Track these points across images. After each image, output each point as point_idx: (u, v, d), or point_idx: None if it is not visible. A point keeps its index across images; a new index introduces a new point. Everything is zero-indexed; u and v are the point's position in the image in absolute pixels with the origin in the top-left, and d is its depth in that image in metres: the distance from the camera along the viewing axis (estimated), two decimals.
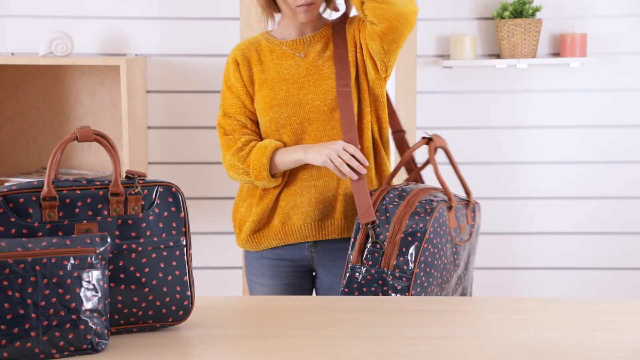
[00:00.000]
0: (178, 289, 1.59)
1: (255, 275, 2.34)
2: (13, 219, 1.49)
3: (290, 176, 2.23)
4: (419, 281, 1.99)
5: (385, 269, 2.00)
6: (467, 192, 2.26)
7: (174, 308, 1.59)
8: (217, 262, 3.64)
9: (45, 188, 1.50)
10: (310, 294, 2.34)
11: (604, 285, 3.68)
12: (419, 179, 2.35)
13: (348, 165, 2.11)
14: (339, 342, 1.54)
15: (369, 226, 2.04)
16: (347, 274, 2.04)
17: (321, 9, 2.32)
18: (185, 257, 1.60)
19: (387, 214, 2.04)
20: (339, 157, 2.11)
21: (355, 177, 2.11)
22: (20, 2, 3.47)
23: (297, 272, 2.28)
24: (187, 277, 1.60)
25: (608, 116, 3.61)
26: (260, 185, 2.23)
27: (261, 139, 2.27)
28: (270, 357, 1.49)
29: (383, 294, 1.99)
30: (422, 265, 1.99)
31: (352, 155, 2.11)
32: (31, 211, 1.50)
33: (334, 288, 2.23)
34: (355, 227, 2.07)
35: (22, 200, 1.50)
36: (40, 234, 1.50)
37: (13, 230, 1.49)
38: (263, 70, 2.26)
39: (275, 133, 2.23)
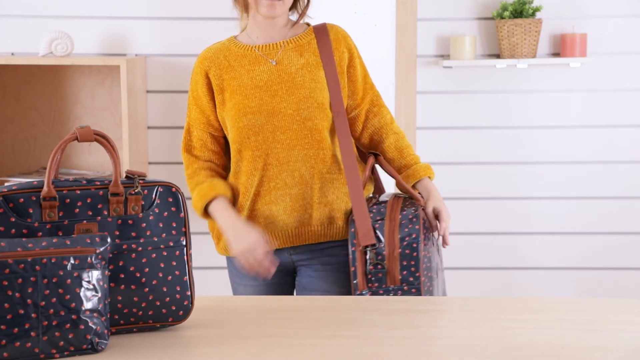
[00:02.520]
0: (178, 289, 1.59)
1: (237, 276, 2.33)
2: (13, 219, 1.49)
3: (262, 185, 2.19)
4: (425, 288, 2.05)
5: (392, 286, 2.05)
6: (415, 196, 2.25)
7: (174, 308, 1.59)
8: (216, 262, 3.64)
9: (45, 188, 1.50)
10: (292, 291, 2.34)
11: (604, 285, 3.68)
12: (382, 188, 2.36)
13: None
14: (339, 342, 1.54)
15: (367, 248, 2.07)
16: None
17: (294, 18, 2.27)
18: (185, 257, 1.60)
19: (377, 233, 2.08)
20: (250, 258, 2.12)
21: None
22: (20, 2, 3.47)
23: (279, 272, 2.25)
24: (187, 277, 1.60)
25: (608, 116, 3.61)
26: None
27: (223, 156, 2.27)
28: (270, 357, 1.49)
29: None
30: (425, 272, 2.06)
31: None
32: (31, 211, 1.50)
33: (312, 283, 2.24)
34: (352, 255, 2.09)
35: (22, 200, 1.50)
36: (40, 234, 1.50)
37: (13, 230, 1.49)
38: (235, 77, 2.20)
39: (247, 140, 2.18)
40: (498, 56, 3.58)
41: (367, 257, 2.06)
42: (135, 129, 3.33)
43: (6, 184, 1.57)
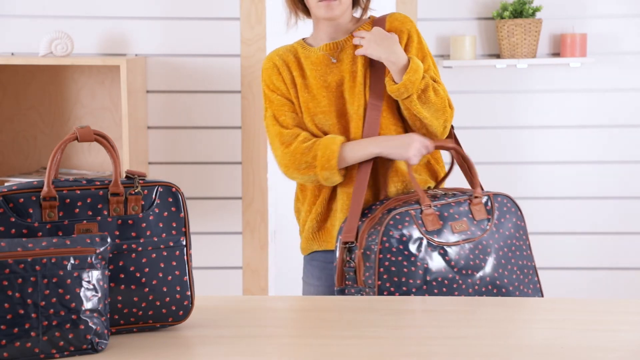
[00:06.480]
0: (178, 289, 1.59)
1: (306, 275, 2.31)
2: (13, 219, 1.49)
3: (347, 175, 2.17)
4: (385, 292, 1.96)
5: (361, 286, 2.01)
6: (473, 185, 2.18)
7: (174, 308, 1.59)
8: (217, 262, 3.65)
9: (45, 188, 1.50)
10: None
11: (604, 285, 3.68)
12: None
13: None
14: (339, 342, 1.54)
15: (346, 245, 2.04)
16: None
17: (357, 14, 2.27)
18: (185, 257, 1.60)
19: (357, 232, 2.05)
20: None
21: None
22: (20, 2, 3.47)
23: None
24: (187, 277, 1.60)
25: (608, 116, 3.61)
26: (323, 179, 2.13)
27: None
28: (269, 357, 1.49)
29: None
30: (385, 277, 1.97)
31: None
32: (31, 211, 1.50)
33: None
34: (336, 250, 2.06)
35: (22, 200, 1.50)
36: (40, 234, 1.50)
37: (13, 230, 1.49)
38: (303, 75, 2.20)
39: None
40: (498, 56, 3.58)
41: (344, 255, 2.04)
42: (135, 129, 3.33)
43: (6, 184, 1.57)
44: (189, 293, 1.61)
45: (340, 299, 1.88)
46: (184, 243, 1.60)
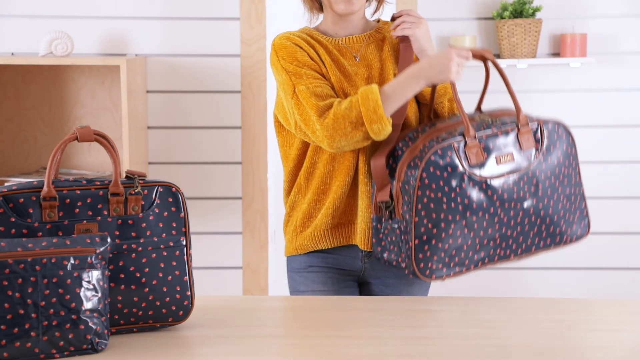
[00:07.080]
0: (178, 289, 1.59)
1: (299, 284, 2.18)
2: (13, 219, 1.49)
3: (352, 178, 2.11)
4: (422, 229, 1.88)
5: (399, 218, 1.93)
6: (516, 110, 2.11)
7: (174, 308, 1.59)
8: (217, 262, 3.65)
9: (45, 188, 1.51)
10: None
11: (604, 285, 3.68)
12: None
13: None
14: (339, 342, 1.54)
15: (381, 203, 1.96)
16: (372, 225, 1.99)
17: (368, 14, 2.23)
18: (185, 257, 1.60)
19: (395, 164, 1.96)
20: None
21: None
22: (20, 2, 3.47)
23: (347, 280, 2.15)
24: (187, 277, 1.60)
25: (608, 116, 3.61)
26: (374, 133, 1.96)
27: None
28: (269, 357, 1.49)
29: (403, 243, 1.92)
30: (423, 213, 1.88)
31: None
32: (31, 211, 1.50)
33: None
34: (372, 204, 2.01)
35: (22, 200, 1.50)
36: (40, 234, 1.50)
37: (13, 230, 1.49)
38: (332, 58, 2.11)
39: None
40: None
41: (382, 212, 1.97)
42: (135, 129, 3.33)
43: (6, 184, 1.57)
44: (189, 293, 1.61)
45: (340, 299, 1.88)
46: (184, 243, 1.60)
